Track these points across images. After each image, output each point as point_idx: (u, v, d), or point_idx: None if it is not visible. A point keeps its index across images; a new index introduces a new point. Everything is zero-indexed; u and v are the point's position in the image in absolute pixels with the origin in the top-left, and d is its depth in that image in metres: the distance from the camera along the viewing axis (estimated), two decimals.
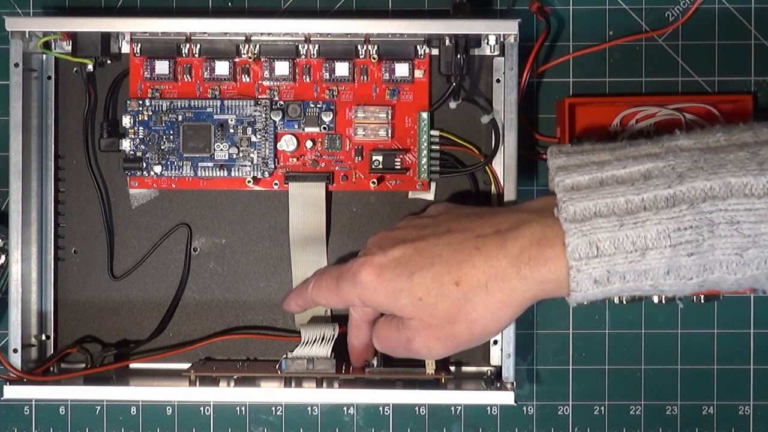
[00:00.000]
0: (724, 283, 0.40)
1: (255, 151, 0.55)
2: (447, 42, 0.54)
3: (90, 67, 0.56)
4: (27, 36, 0.54)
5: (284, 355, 0.54)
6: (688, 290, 0.41)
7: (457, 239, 0.44)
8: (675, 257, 0.39)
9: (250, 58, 0.55)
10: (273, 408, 0.59)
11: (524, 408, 0.59)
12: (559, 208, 0.41)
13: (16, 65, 0.54)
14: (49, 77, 0.57)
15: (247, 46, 0.56)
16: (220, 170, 0.55)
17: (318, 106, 0.56)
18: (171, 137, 0.55)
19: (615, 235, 0.40)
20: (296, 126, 0.56)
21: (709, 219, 0.39)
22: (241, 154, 0.55)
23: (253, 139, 0.55)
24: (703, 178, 0.39)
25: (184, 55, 0.56)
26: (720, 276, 0.40)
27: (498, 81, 0.56)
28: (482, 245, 0.43)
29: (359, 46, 0.56)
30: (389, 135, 0.56)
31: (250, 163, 0.55)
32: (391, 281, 0.44)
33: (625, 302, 0.58)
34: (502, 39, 0.55)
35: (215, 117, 0.55)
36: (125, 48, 0.57)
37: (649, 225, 0.39)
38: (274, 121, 0.56)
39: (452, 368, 0.56)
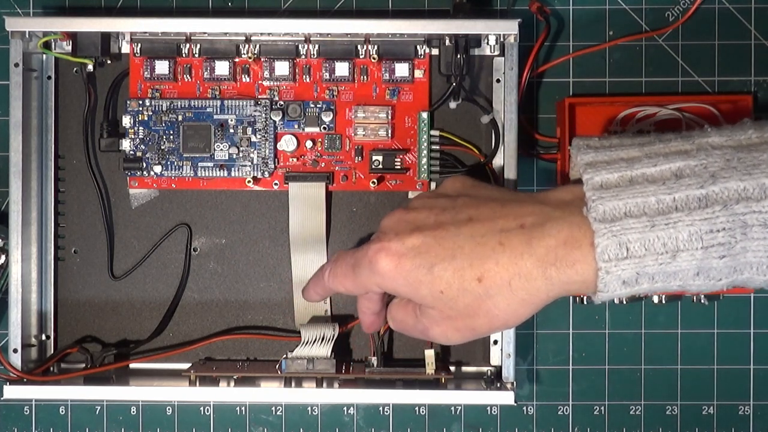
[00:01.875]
0: (752, 283, 0.39)
1: (255, 151, 0.55)
2: (447, 42, 0.54)
3: (90, 67, 0.56)
4: (27, 36, 0.54)
5: (284, 355, 0.54)
6: (716, 290, 0.40)
7: (479, 231, 0.42)
8: (706, 259, 0.38)
9: (250, 58, 0.55)
10: (273, 408, 0.59)
11: (524, 408, 0.59)
12: (588, 207, 0.40)
13: (16, 65, 0.54)
14: (49, 77, 0.57)
15: (247, 46, 0.56)
16: (220, 170, 0.55)
17: (318, 106, 0.56)
18: (171, 137, 0.55)
19: (646, 236, 0.39)
20: (296, 126, 0.56)
21: (742, 221, 0.38)
22: (241, 154, 0.55)
23: (253, 139, 0.55)
24: (737, 179, 0.38)
25: (184, 55, 0.56)
26: (749, 277, 0.39)
27: (498, 81, 0.56)
28: (506, 241, 0.41)
29: (359, 46, 0.56)
30: (389, 135, 0.56)
31: (250, 163, 0.55)
32: (410, 272, 0.43)
33: (625, 302, 0.58)
34: (502, 39, 0.55)
35: (215, 117, 0.55)
36: (125, 48, 0.57)
37: (681, 226, 0.38)
38: (274, 121, 0.56)
39: (452, 368, 0.57)
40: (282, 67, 0.56)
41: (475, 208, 0.43)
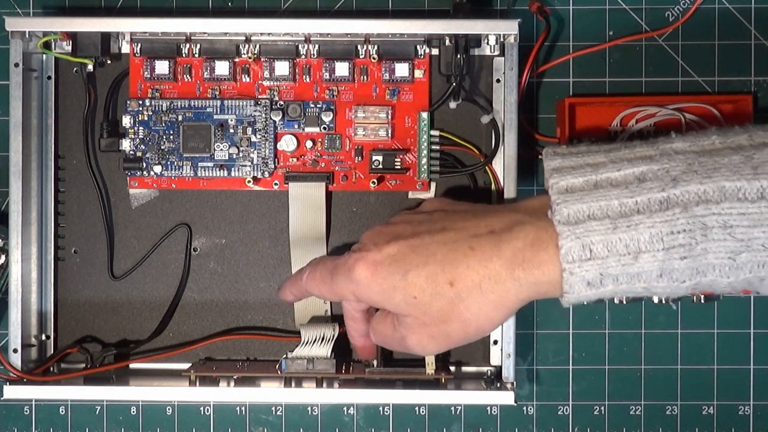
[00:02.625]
0: (717, 285, 0.40)
1: (255, 151, 0.55)
2: (447, 42, 0.54)
3: (90, 67, 0.56)
4: (27, 36, 0.54)
5: (284, 355, 0.54)
6: (681, 292, 0.41)
7: (451, 238, 0.44)
8: (668, 260, 0.39)
9: (250, 58, 0.55)
10: (273, 408, 0.59)
11: (524, 408, 0.59)
12: (553, 210, 0.41)
13: (16, 65, 0.54)
14: (49, 77, 0.57)
15: (247, 46, 0.56)
16: (220, 170, 0.55)
17: (318, 106, 0.56)
18: (171, 137, 0.55)
19: (608, 237, 0.40)
20: (296, 126, 0.56)
21: (702, 223, 0.39)
22: (241, 154, 0.55)
23: (253, 139, 0.55)
24: (697, 182, 0.39)
25: (184, 55, 0.56)
26: (713, 279, 0.39)
27: (498, 81, 0.56)
28: (477, 246, 0.43)
29: (359, 46, 0.56)
30: (389, 135, 0.56)
31: (250, 163, 0.55)
32: (385, 279, 0.44)
33: (625, 302, 0.58)
34: (502, 39, 0.55)
35: (215, 117, 0.55)
36: (125, 48, 0.57)
37: (642, 228, 0.39)
38: (274, 121, 0.56)
39: (452, 368, 0.56)
40: (282, 67, 0.56)
41: (450, 220, 0.45)
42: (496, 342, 0.56)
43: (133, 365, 0.57)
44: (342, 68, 0.56)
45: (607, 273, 0.40)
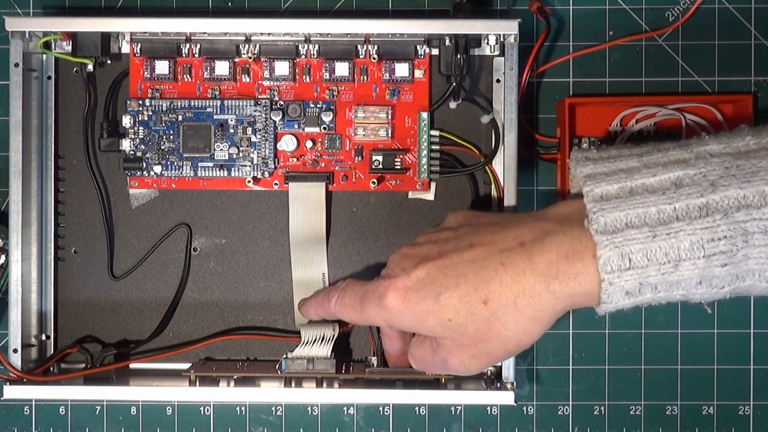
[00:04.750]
0: (754, 289, 0.40)
1: (255, 151, 0.55)
2: (447, 42, 0.54)
3: (90, 67, 0.56)
4: (27, 36, 0.54)
5: (284, 355, 0.54)
6: (718, 297, 0.40)
7: (481, 255, 0.43)
8: (708, 268, 0.39)
9: (250, 58, 0.55)
10: (273, 408, 0.59)
11: (524, 408, 0.59)
12: (590, 219, 0.40)
13: (16, 65, 0.54)
14: (49, 77, 0.57)
15: (247, 46, 0.56)
16: (220, 170, 0.55)
17: (318, 106, 0.56)
18: (171, 137, 0.55)
19: (648, 246, 0.39)
20: (296, 126, 0.56)
21: (743, 228, 0.38)
22: (241, 154, 0.55)
23: (253, 139, 0.55)
24: (736, 186, 0.38)
25: (184, 55, 0.56)
26: (751, 284, 0.39)
27: (498, 81, 0.56)
28: (508, 261, 0.41)
29: (359, 46, 0.56)
30: (389, 135, 0.56)
31: (250, 163, 0.55)
32: (417, 304, 0.43)
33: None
34: (502, 39, 0.55)
35: (215, 117, 0.55)
36: (125, 48, 0.57)
37: (682, 236, 0.39)
38: (274, 121, 0.56)
39: None
40: (282, 67, 0.56)
41: (477, 234, 0.44)
42: None
43: (133, 365, 0.57)
44: (342, 68, 0.56)
45: (647, 282, 0.39)
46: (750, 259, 0.38)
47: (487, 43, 0.56)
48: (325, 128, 0.56)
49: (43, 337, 0.57)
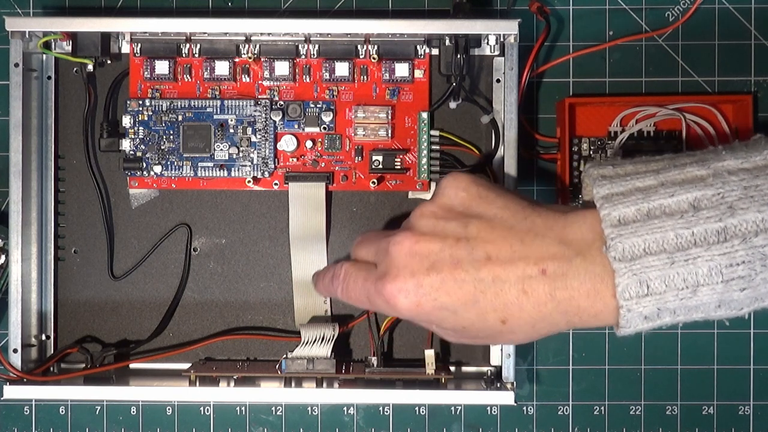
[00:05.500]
0: None
1: (255, 151, 0.55)
2: (447, 42, 0.54)
3: (90, 67, 0.56)
4: (27, 36, 0.54)
5: (284, 355, 0.54)
6: (738, 316, 0.40)
7: (500, 277, 0.42)
8: (727, 292, 0.38)
9: (250, 58, 0.55)
10: (273, 408, 0.59)
11: (524, 408, 0.59)
12: (608, 245, 0.40)
13: (16, 65, 0.54)
14: (49, 77, 0.57)
15: (247, 46, 0.56)
16: (220, 170, 0.55)
17: (318, 106, 0.56)
18: (171, 137, 0.55)
19: (666, 273, 0.39)
20: (296, 126, 0.56)
21: (762, 253, 0.38)
22: (241, 154, 0.55)
23: (253, 139, 0.55)
24: (755, 210, 0.38)
25: (184, 55, 0.56)
26: None
27: (498, 81, 0.56)
28: (530, 289, 0.41)
29: (359, 46, 0.56)
30: (389, 135, 0.56)
31: (250, 163, 0.55)
32: (431, 313, 0.43)
33: None
34: (502, 39, 0.55)
35: (215, 117, 0.55)
36: (125, 48, 0.57)
37: (700, 262, 0.38)
38: (274, 121, 0.56)
39: (452, 368, 0.56)
40: (282, 67, 0.56)
41: (491, 243, 0.42)
42: None
43: (133, 365, 0.57)
44: (342, 68, 0.56)
45: (665, 307, 0.39)
46: None
47: (487, 43, 0.56)
48: (325, 128, 0.56)
49: (43, 337, 0.57)
